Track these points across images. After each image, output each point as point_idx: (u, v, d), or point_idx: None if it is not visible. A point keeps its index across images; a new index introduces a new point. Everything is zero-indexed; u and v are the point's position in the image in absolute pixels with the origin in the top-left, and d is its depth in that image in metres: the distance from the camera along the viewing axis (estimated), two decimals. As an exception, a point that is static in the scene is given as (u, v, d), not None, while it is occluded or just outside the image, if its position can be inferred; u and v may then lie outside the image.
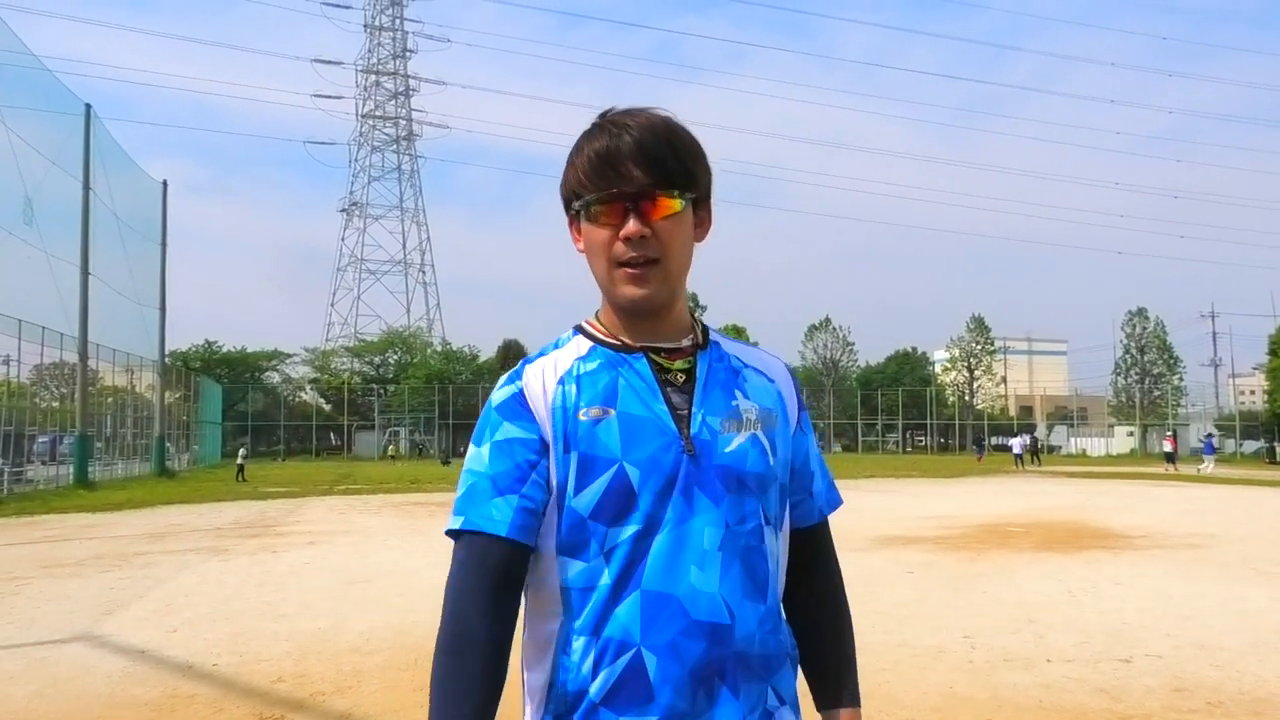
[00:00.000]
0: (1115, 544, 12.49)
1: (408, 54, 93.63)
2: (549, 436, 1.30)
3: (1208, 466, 37.19)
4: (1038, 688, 5.42)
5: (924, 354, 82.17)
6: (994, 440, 64.72)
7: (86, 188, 28.26)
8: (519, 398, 1.33)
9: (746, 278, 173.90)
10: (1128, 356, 74.23)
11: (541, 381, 1.33)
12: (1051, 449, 71.01)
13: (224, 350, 68.52)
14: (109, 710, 5.09)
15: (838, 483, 1.54)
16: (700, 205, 1.38)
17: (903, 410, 73.67)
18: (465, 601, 1.26)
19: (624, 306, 1.33)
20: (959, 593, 8.67)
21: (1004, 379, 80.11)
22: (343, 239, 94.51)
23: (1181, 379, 72.74)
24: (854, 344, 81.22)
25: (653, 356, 1.35)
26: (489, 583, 1.26)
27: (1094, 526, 14.90)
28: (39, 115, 26.93)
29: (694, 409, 1.31)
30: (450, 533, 1.30)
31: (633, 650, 1.22)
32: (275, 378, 72.81)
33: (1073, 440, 72.56)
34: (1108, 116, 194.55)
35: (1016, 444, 45.21)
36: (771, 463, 1.34)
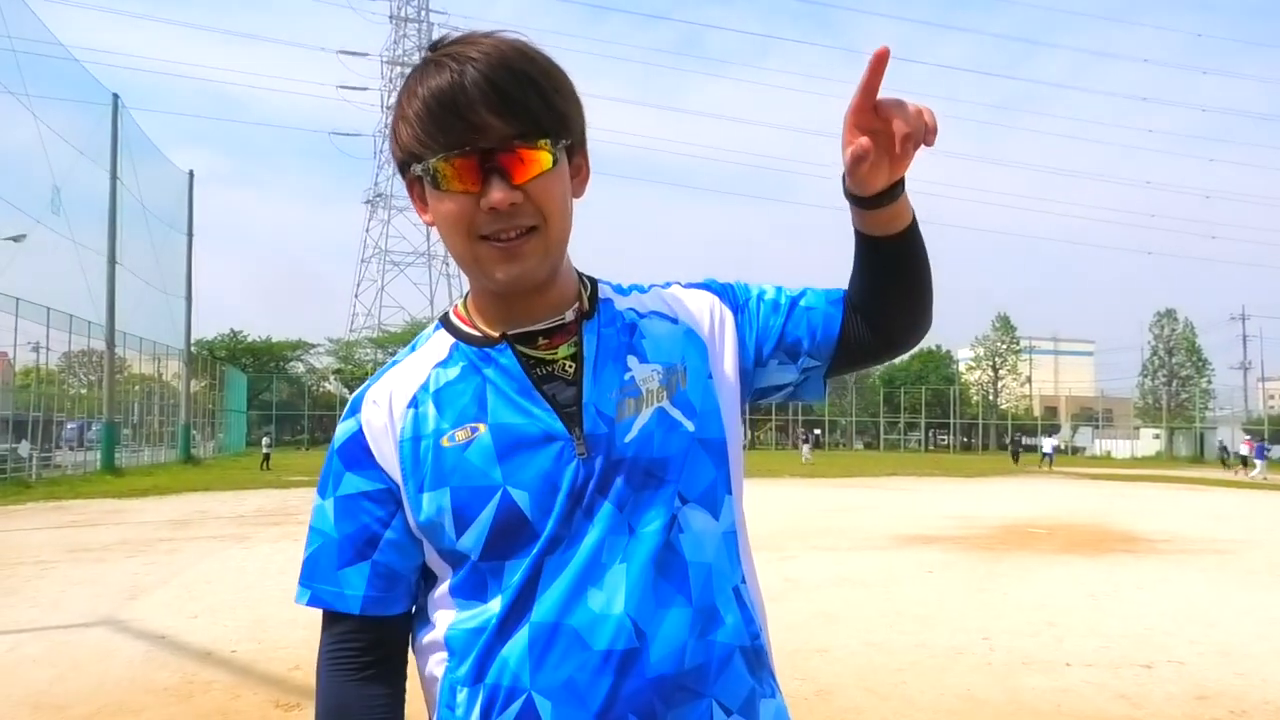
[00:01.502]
0: (1139, 548, 12.36)
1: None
2: (399, 480, 1.08)
3: (1259, 472, 35.73)
4: (1057, 692, 5.37)
5: (948, 352, 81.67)
6: (1022, 440, 64.29)
7: (114, 177, 28.55)
8: (358, 439, 1.11)
9: (770, 273, 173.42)
10: (1155, 358, 73.49)
11: (387, 410, 1.11)
12: (1075, 450, 70.48)
13: (249, 340, 69.14)
14: (129, 695, 5.14)
15: (859, 480, 1.39)
16: (575, 151, 1.10)
17: (926, 409, 73.30)
18: (338, 693, 1.11)
19: (498, 288, 1.07)
20: (978, 594, 8.60)
21: (1029, 379, 79.51)
22: (367, 230, 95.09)
23: (1210, 381, 72.02)
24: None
25: (521, 348, 1.10)
26: (358, 665, 1.11)
27: (1117, 529, 14.75)
28: (67, 105, 27.23)
29: (584, 399, 1.07)
30: (321, 611, 1.12)
31: (522, 697, 1.02)
32: (299, 368, 73.40)
33: (1097, 442, 71.92)
34: (1139, 114, 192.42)
35: (1047, 444, 44.97)
36: (691, 429, 1.10)
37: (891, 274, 1.16)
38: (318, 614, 1.17)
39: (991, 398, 77.43)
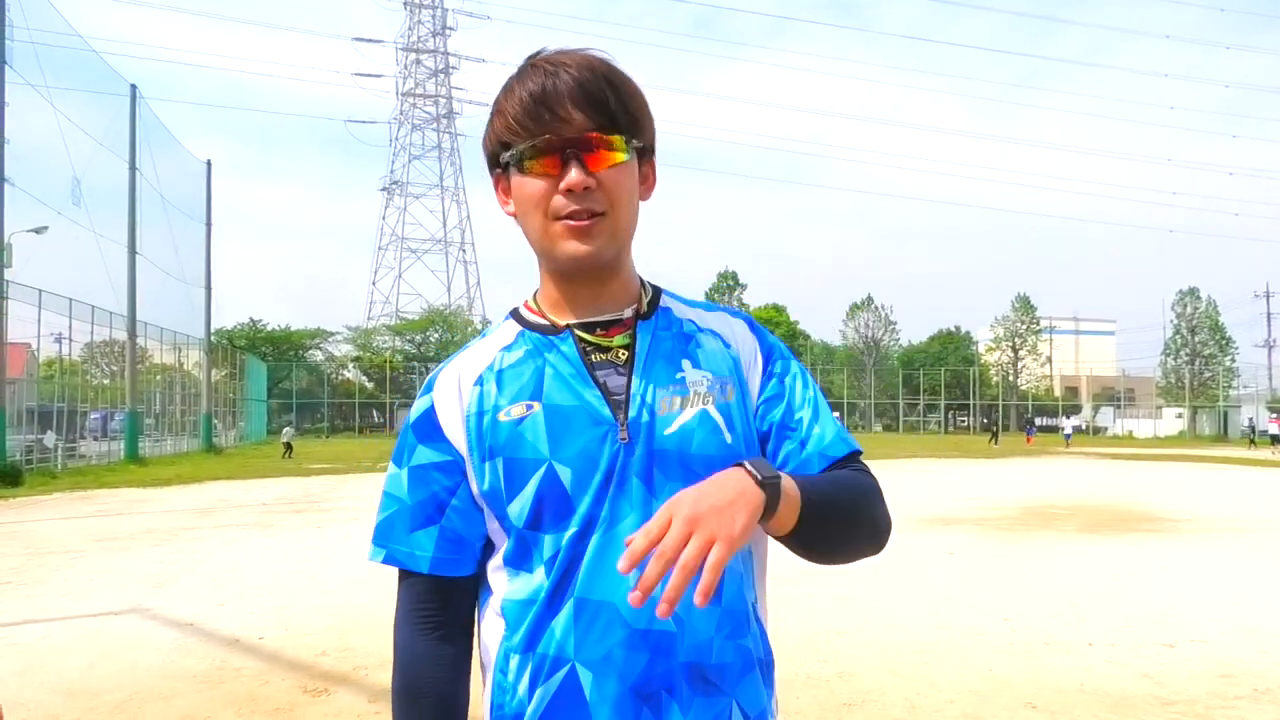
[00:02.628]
0: (1161, 527, 12.31)
1: (448, 31, 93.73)
2: (465, 452, 1.19)
3: None
4: (1079, 671, 5.37)
5: (968, 333, 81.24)
6: (1040, 421, 63.93)
7: (133, 168, 28.74)
8: (430, 415, 1.22)
9: (787, 256, 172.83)
10: (1178, 337, 72.88)
11: (456, 389, 1.21)
12: (1097, 430, 70.07)
13: (268, 329, 69.53)
14: (161, 681, 5.22)
15: (878, 462, 1.40)
16: (644, 159, 1.23)
17: (945, 390, 72.98)
18: (410, 646, 1.21)
19: (565, 267, 1.18)
20: (999, 574, 8.60)
21: (1049, 359, 78.99)
22: (384, 217, 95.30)
23: (1234, 360, 71.33)
24: (896, 323, 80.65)
25: (582, 335, 1.20)
26: (430, 624, 1.21)
27: (1139, 509, 14.69)
28: (86, 97, 27.51)
29: (632, 389, 1.17)
30: (397, 571, 1.24)
31: (566, 666, 1.11)
32: (318, 356, 73.79)
33: (1119, 422, 71.46)
34: (1161, 91, 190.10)
35: (1068, 425, 44.75)
36: (728, 441, 1.17)
37: (818, 551, 1.17)
38: (344, 601, 1.22)
39: (1012, 378, 76.99)
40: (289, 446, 33.25)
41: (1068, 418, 48.06)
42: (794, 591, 7.19)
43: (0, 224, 19.92)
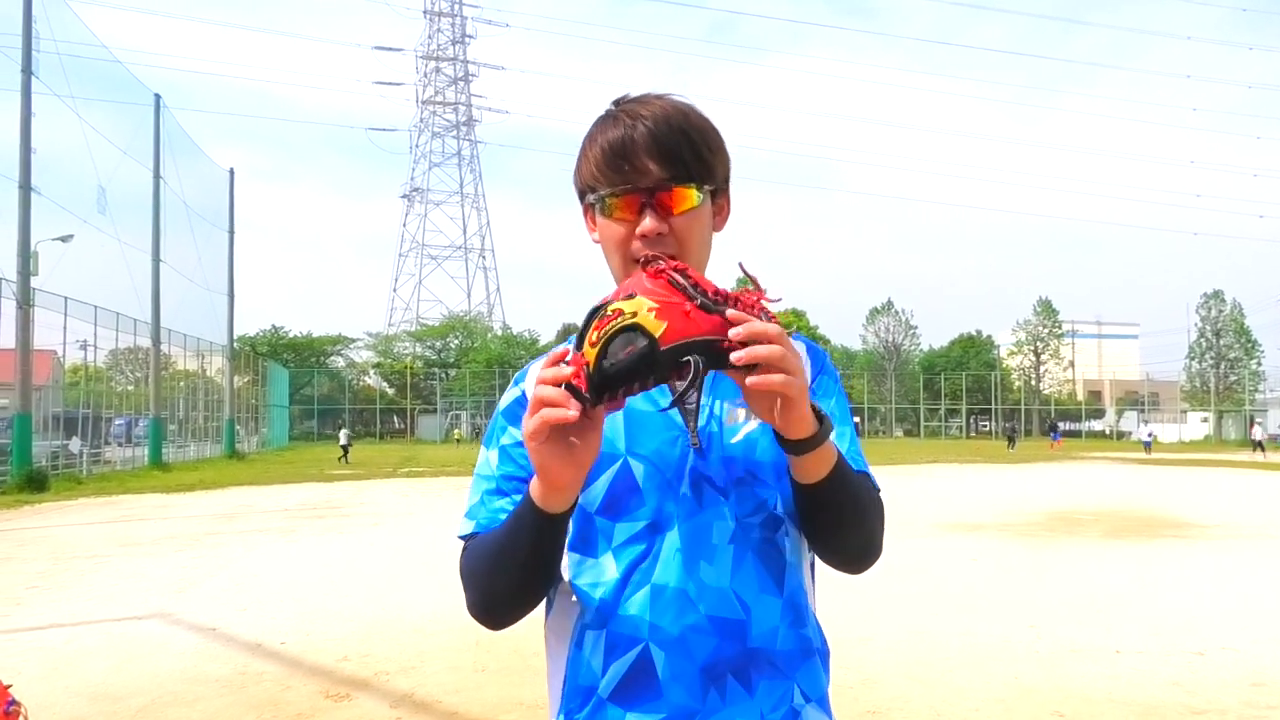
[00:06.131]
0: (1189, 533, 12.16)
1: (467, 39, 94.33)
2: None
3: None
4: (1107, 679, 5.30)
5: (989, 337, 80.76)
6: (1063, 425, 63.39)
7: (157, 176, 29.02)
8: (520, 401, 1.31)
9: (806, 260, 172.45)
10: (1203, 340, 72.16)
11: None
12: (1121, 435, 69.45)
13: (290, 335, 70.06)
14: (183, 685, 5.24)
15: (899, 467, 1.44)
16: (718, 194, 1.33)
17: (967, 395, 72.52)
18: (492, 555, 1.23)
19: None
20: (1024, 581, 8.51)
21: (1071, 363, 78.38)
22: (404, 224, 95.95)
23: (1260, 363, 70.57)
24: (916, 327, 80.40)
25: None
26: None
27: (1166, 514, 14.51)
28: (110, 106, 27.74)
29: (701, 401, 1.27)
30: (464, 538, 1.28)
31: (640, 645, 1.19)
32: (340, 362, 74.27)
33: (1143, 426, 70.88)
34: (1183, 92, 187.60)
35: (1146, 432, 44.85)
36: None
37: (817, 521, 1.24)
38: (365, 606, 1.25)
39: (1034, 383, 76.42)
40: (345, 450, 33.35)
41: (1144, 423, 47.45)
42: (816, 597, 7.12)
43: (27, 232, 20.15)
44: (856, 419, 1.34)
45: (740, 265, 1.09)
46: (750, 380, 1.01)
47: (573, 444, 1.05)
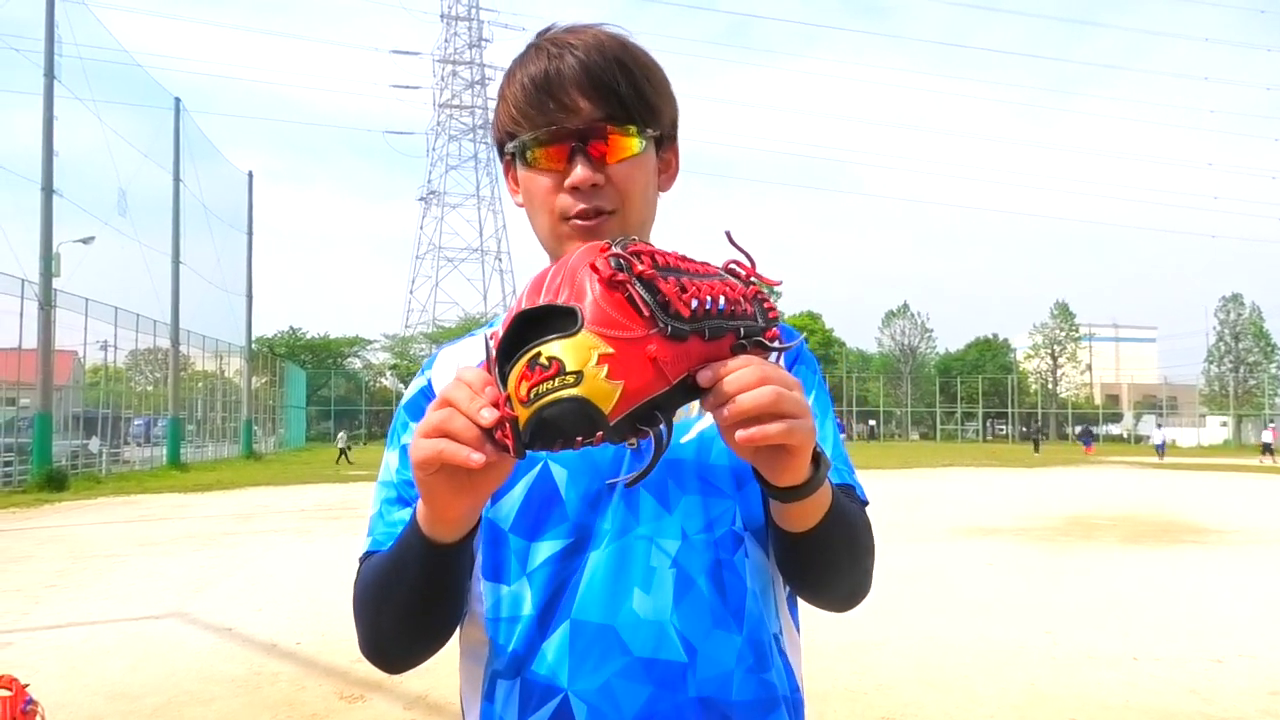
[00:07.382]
0: (1207, 538, 12.05)
1: (484, 43, 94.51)
2: None
3: None
4: (1124, 686, 5.26)
5: (1005, 341, 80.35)
6: (1078, 429, 63.00)
7: (177, 179, 29.26)
8: (425, 392, 1.11)
9: (822, 262, 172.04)
10: (1221, 344, 71.57)
11: (454, 371, 1.01)
12: (1139, 439, 68.95)
13: (308, 337, 70.43)
14: (199, 685, 5.27)
15: (914, 471, 1.16)
16: (664, 145, 1.11)
17: (983, 398, 72.17)
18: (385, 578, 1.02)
19: None
20: (1040, 586, 8.46)
21: (1089, 367, 77.90)
22: (421, 227, 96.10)
23: (1279, 367, 69.88)
24: (933, 330, 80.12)
25: None
26: None
27: (1184, 520, 14.39)
28: (131, 109, 27.98)
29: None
30: (362, 558, 1.09)
31: (559, 697, 0.97)
32: (357, 363, 74.58)
33: (1157, 431, 70.35)
34: (1201, 94, 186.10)
35: (1159, 435, 44.59)
36: None
37: (800, 567, 1.02)
38: None
39: (1051, 386, 76.00)
40: (343, 452, 33.49)
41: (1159, 427, 47.10)
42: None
43: (49, 234, 20.34)
44: (872, 421, 0.95)
45: (727, 235, 0.87)
46: (741, 436, 0.78)
47: (472, 475, 0.80)
